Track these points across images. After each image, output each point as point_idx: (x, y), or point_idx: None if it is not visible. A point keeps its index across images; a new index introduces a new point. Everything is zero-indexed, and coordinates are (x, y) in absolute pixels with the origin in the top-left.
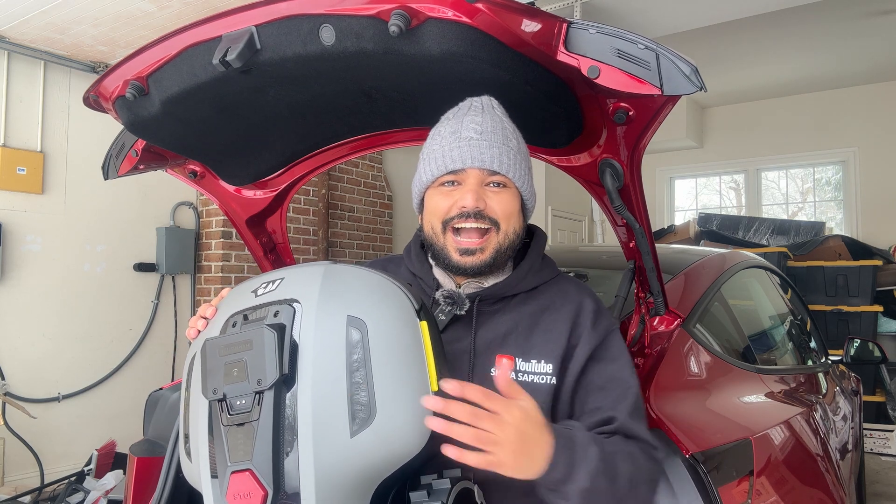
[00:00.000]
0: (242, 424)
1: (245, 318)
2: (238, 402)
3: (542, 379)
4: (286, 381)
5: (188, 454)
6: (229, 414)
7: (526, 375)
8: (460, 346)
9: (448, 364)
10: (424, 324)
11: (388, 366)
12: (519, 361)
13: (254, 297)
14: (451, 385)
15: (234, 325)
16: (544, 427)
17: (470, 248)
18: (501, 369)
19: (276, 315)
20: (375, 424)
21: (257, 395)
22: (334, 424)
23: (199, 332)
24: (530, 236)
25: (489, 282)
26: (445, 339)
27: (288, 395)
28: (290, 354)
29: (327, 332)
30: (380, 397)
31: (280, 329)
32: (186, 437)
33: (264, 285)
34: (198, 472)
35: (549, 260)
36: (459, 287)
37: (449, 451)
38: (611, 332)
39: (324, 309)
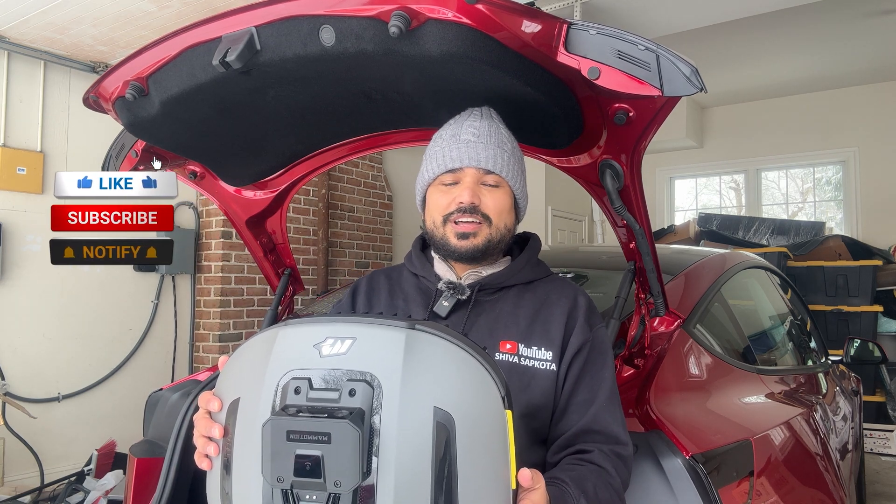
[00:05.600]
0: None
1: (311, 384)
2: (308, 496)
3: (543, 365)
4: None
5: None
6: None
7: (528, 360)
8: (459, 329)
9: None
10: (510, 413)
11: (472, 466)
12: (521, 346)
13: (318, 357)
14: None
15: (297, 392)
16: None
17: (465, 232)
18: None
19: (351, 394)
20: None
21: (332, 496)
22: None
23: (216, 443)
24: (527, 241)
25: (486, 271)
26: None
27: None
28: (368, 445)
29: (412, 427)
30: (462, 501)
31: (361, 420)
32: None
33: (331, 342)
34: None
35: (542, 262)
36: (460, 279)
37: None
38: (599, 329)
39: (408, 396)
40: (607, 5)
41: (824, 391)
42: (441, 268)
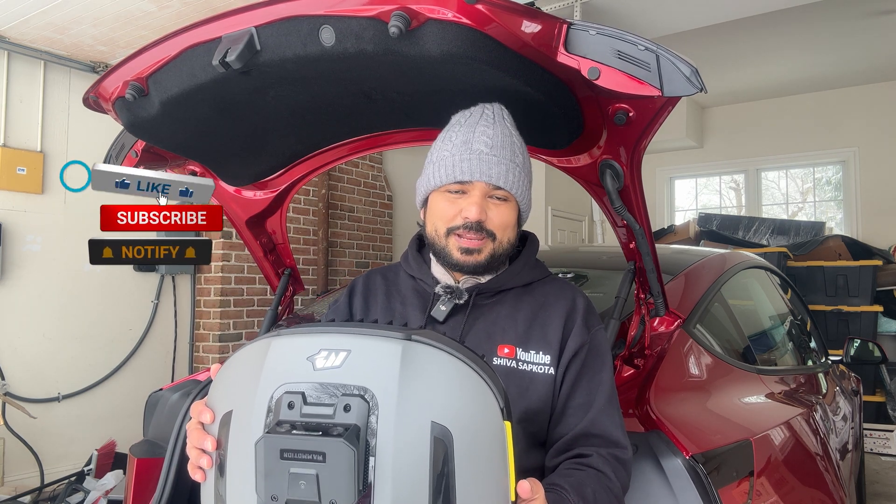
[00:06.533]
0: None
1: (304, 399)
2: None
3: (541, 369)
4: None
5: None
6: None
7: (526, 365)
8: (457, 334)
9: None
10: (509, 424)
11: (470, 480)
12: (519, 351)
13: (311, 370)
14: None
15: (290, 407)
16: None
17: (470, 248)
18: None
19: (346, 409)
20: None
21: None
22: None
23: (209, 455)
24: (525, 241)
25: (485, 278)
26: (445, 331)
27: None
28: (364, 463)
29: (409, 443)
30: None
31: (356, 438)
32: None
33: (325, 355)
34: None
35: (541, 262)
36: (458, 283)
37: None
38: (597, 331)
39: (405, 411)
40: (607, 5)
41: (824, 391)
42: (438, 270)
